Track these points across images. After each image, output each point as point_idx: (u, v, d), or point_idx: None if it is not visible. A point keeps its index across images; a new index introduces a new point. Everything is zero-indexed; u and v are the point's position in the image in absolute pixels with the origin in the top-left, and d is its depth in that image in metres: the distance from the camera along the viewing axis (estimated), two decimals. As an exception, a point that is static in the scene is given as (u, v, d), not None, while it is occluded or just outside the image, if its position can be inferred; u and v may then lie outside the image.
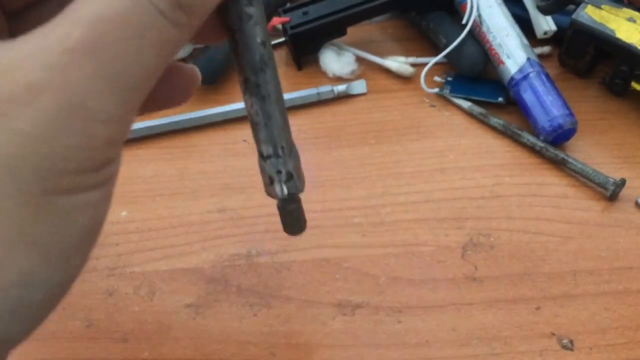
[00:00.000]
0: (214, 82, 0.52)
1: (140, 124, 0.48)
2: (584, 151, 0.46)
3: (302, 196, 0.44)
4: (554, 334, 0.36)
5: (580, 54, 0.51)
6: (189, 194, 0.44)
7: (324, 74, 0.54)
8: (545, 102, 0.46)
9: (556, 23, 0.52)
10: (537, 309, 0.37)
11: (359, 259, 0.40)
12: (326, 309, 0.37)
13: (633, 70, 0.47)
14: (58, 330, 0.36)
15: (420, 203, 0.43)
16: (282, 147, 0.26)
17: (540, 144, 0.46)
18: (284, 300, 0.38)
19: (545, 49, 0.55)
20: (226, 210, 0.43)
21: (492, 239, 0.41)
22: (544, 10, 0.51)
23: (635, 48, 0.46)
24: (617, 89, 0.50)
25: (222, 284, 0.38)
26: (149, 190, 0.45)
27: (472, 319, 0.37)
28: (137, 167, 0.46)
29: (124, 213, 0.43)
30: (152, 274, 0.39)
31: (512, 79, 0.48)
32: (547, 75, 0.47)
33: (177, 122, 0.49)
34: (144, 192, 0.44)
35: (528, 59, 0.48)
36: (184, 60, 0.55)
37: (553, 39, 0.53)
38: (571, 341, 0.36)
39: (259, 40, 0.23)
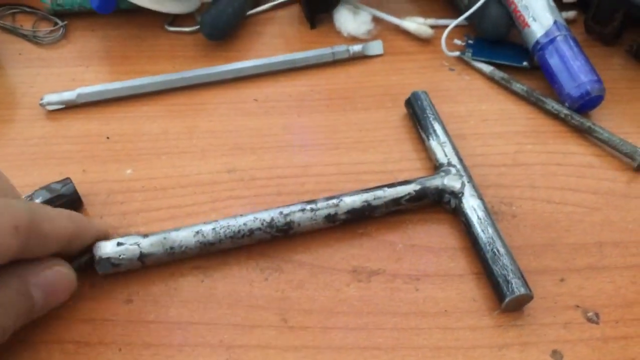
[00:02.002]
0: (223, 37, 0.50)
1: (146, 79, 0.46)
2: (610, 120, 0.44)
3: (317, 157, 0.42)
4: (578, 307, 0.34)
5: (608, 19, 0.49)
6: (197, 153, 0.42)
7: (338, 33, 0.52)
8: (572, 67, 0.44)
9: (585, -15, 0.49)
10: (562, 280, 0.36)
11: (375, 225, 0.38)
12: (340, 275, 0.36)
13: (664, 37, 0.45)
14: (60, 290, 0.34)
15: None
16: None
17: (566, 111, 0.44)
18: (296, 265, 0.36)
19: (571, 14, 0.52)
20: (236, 170, 0.41)
21: (514, 208, 0.39)
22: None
23: (670, 13, 0.44)
24: (645, 58, 0.48)
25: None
26: (155, 148, 0.43)
27: (493, 289, 0.35)
28: (142, 124, 0.44)
29: (128, 171, 0.41)
30: (158, 234, 0.37)
31: (537, 42, 0.46)
32: (574, 40, 0.45)
33: (184, 79, 0.47)
34: (149, 150, 0.42)
35: (555, 22, 0.45)
36: (191, 14, 0.53)
37: (579, 4, 0.51)
38: (597, 314, 0.34)
39: None
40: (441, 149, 0.40)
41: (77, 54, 0.50)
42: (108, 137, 0.43)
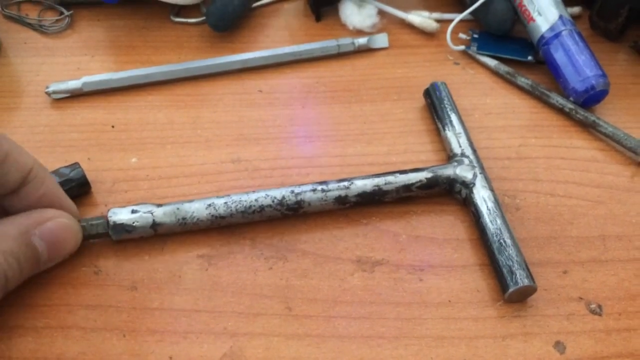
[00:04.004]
0: (228, 28, 0.50)
1: (151, 69, 0.46)
2: (614, 115, 0.45)
3: (321, 149, 0.42)
4: (582, 299, 0.34)
5: (613, 15, 0.49)
6: (202, 143, 0.42)
7: (343, 26, 0.52)
8: (577, 61, 0.44)
9: (590, -19, 0.49)
10: (565, 272, 0.36)
11: (379, 215, 0.38)
12: (344, 265, 0.36)
13: (670, 32, 0.45)
14: (65, 276, 0.34)
15: (442, 160, 0.41)
16: None
17: (570, 105, 0.44)
18: (300, 255, 0.36)
19: (575, 10, 0.53)
20: (241, 161, 0.41)
21: (518, 201, 0.39)
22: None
23: (675, 8, 0.44)
24: (650, 53, 0.48)
25: (235, 236, 0.37)
26: (160, 137, 0.43)
27: (497, 280, 0.35)
28: (148, 113, 0.44)
29: (133, 159, 0.41)
30: (162, 223, 0.38)
31: (542, 37, 0.46)
32: (579, 34, 0.45)
33: (189, 69, 0.47)
34: (154, 139, 0.42)
35: (560, 16, 0.45)
36: (197, 5, 0.53)
37: (584, 0, 0.51)
38: (600, 306, 0.34)
39: None
40: (456, 140, 0.40)
41: (83, 43, 0.50)
42: (113, 126, 0.43)
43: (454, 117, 0.42)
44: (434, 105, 0.43)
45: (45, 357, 0.31)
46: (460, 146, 0.40)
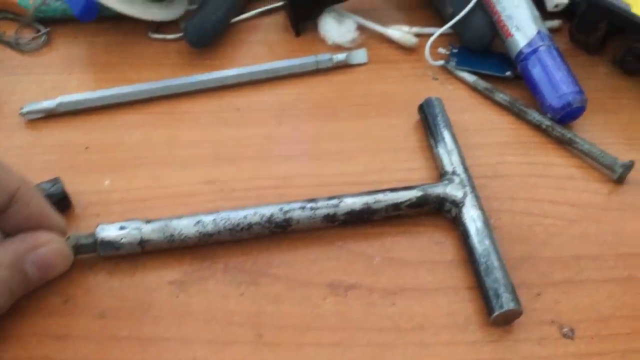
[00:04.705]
0: (207, 44, 0.50)
1: (128, 88, 0.46)
2: (592, 131, 0.44)
3: (297, 169, 0.42)
4: (554, 322, 0.34)
5: (592, 29, 0.49)
6: (177, 164, 0.42)
7: (322, 41, 0.52)
8: (554, 78, 0.43)
9: (569, -5, 0.49)
10: (538, 294, 0.35)
11: (353, 237, 0.38)
12: (317, 290, 0.36)
13: (647, 47, 0.45)
14: (34, 305, 0.34)
15: (420, 180, 0.41)
16: None
17: (547, 122, 0.44)
18: (272, 279, 0.36)
19: (555, 23, 0.52)
20: (216, 181, 0.41)
21: (493, 220, 0.39)
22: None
23: (652, 24, 0.43)
24: (628, 67, 0.48)
25: (208, 260, 0.37)
26: (135, 158, 0.42)
27: (469, 304, 0.35)
28: (123, 133, 0.44)
29: (107, 182, 0.41)
30: (135, 246, 0.37)
31: (520, 52, 0.46)
32: (557, 50, 0.45)
33: (166, 87, 0.46)
34: (129, 160, 0.42)
35: (538, 32, 0.45)
36: (175, 22, 0.52)
37: (564, 13, 0.51)
38: (572, 330, 0.34)
39: None
40: (448, 157, 0.40)
41: (60, 61, 0.50)
42: (87, 147, 0.43)
43: (446, 134, 0.42)
44: (427, 121, 0.43)
45: (13, 389, 0.31)
46: (452, 164, 0.40)
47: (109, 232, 0.35)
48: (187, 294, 0.35)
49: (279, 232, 0.37)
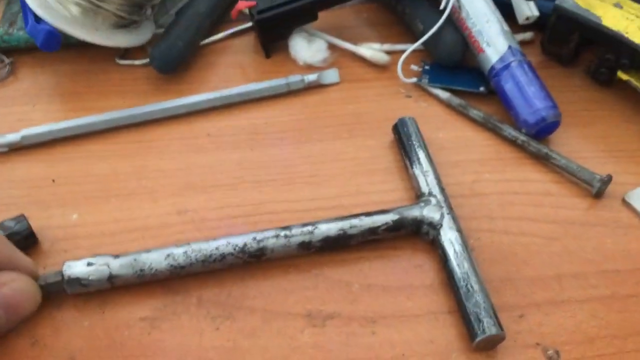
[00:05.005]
0: (174, 70, 0.49)
1: (94, 118, 0.45)
2: (568, 144, 0.44)
3: (270, 194, 0.41)
4: (538, 344, 0.34)
5: (564, 41, 0.48)
6: (146, 195, 0.41)
7: (294, 61, 0.51)
8: (527, 93, 0.43)
9: (539, 8, 0.49)
10: (521, 316, 0.35)
11: (330, 264, 0.37)
12: (294, 321, 0.34)
13: (619, 58, 0.45)
14: (0, 350, 0.32)
15: (396, 202, 0.40)
16: None
17: (522, 137, 0.43)
18: (248, 312, 0.35)
19: (527, 36, 0.52)
20: (187, 211, 0.40)
21: (472, 241, 0.38)
22: (526, -5, 0.48)
23: (622, 36, 0.43)
24: (602, 79, 0.48)
25: (181, 294, 0.35)
26: (103, 190, 0.41)
27: (451, 329, 0.34)
28: (90, 165, 0.43)
29: (74, 216, 0.39)
30: (105, 283, 0.36)
31: (492, 68, 0.45)
32: (529, 65, 0.45)
33: (134, 116, 0.45)
34: (97, 192, 0.41)
35: (509, 47, 0.45)
36: (142, 47, 0.51)
37: (535, 25, 0.51)
38: (557, 352, 0.33)
39: None
40: (424, 178, 0.40)
41: (24, 92, 0.48)
42: (54, 180, 0.42)
43: (422, 155, 0.41)
44: (402, 142, 0.42)
45: None
46: (427, 185, 0.39)
47: (76, 269, 0.34)
48: (160, 330, 0.34)
49: (253, 262, 0.36)
